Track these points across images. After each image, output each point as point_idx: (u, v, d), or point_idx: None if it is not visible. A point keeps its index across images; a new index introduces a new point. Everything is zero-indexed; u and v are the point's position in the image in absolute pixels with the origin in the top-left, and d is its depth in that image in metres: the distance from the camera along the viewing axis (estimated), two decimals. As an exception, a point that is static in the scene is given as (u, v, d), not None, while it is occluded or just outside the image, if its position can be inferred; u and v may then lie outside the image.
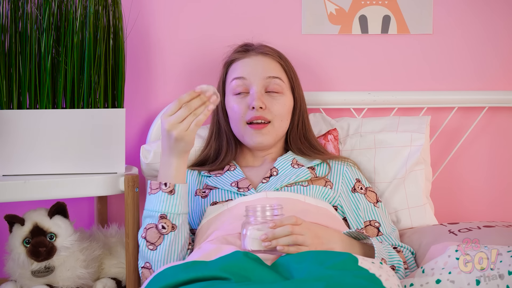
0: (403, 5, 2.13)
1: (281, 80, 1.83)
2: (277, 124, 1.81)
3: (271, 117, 1.80)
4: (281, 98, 1.82)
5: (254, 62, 1.84)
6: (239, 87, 1.82)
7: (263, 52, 1.86)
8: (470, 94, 2.14)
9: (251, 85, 1.81)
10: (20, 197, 1.76)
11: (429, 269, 1.54)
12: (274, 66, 1.84)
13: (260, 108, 1.78)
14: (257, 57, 1.85)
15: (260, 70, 1.82)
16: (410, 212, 1.96)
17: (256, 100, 1.78)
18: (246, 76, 1.82)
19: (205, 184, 1.82)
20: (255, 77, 1.81)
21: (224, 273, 1.39)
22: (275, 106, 1.81)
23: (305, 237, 1.51)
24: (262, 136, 1.80)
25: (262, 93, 1.81)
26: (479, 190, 2.21)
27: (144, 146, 1.95)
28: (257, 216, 1.52)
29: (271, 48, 1.88)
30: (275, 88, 1.81)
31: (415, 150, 1.97)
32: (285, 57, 1.90)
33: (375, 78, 2.16)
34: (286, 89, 1.84)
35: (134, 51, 2.07)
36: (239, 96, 1.83)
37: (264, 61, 1.84)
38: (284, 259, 1.47)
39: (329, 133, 2.00)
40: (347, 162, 1.87)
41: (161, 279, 1.41)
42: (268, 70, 1.82)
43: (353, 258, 1.43)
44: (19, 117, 1.79)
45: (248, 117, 1.79)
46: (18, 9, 1.79)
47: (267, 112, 1.80)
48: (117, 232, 1.97)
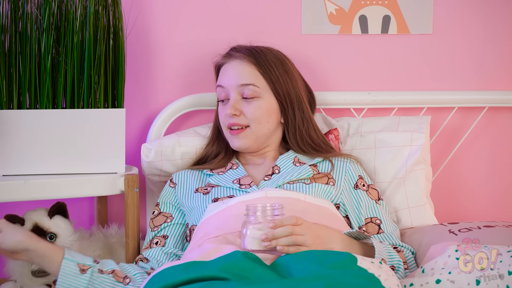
0: (403, 5, 2.13)
1: (255, 85, 1.84)
2: (254, 127, 1.83)
3: (246, 121, 1.83)
4: (256, 102, 1.83)
5: (230, 69, 1.87)
6: (221, 95, 1.87)
7: (238, 58, 1.87)
8: (470, 94, 2.14)
9: (229, 92, 1.85)
10: (20, 197, 1.76)
11: (429, 269, 1.54)
12: (247, 72, 1.85)
13: (235, 115, 1.82)
14: (234, 62, 1.87)
15: (234, 78, 1.85)
16: (410, 212, 1.96)
17: (229, 108, 1.83)
18: (224, 84, 1.86)
19: (207, 183, 1.83)
20: (230, 85, 1.85)
21: (223, 273, 1.39)
22: (250, 110, 1.83)
23: (305, 237, 1.51)
24: (240, 140, 1.83)
25: (237, 99, 1.84)
26: (479, 190, 2.21)
27: (145, 145, 1.95)
28: (257, 215, 1.52)
29: (251, 50, 1.87)
30: (249, 94, 1.84)
31: (415, 150, 1.97)
32: (266, 56, 1.86)
33: (375, 78, 2.16)
34: (263, 92, 1.84)
35: (134, 51, 2.07)
36: (222, 103, 1.88)
37: (238, 68, 1.86)
38: (284, 258, 1.48)
39: (330, 133, 2.00)
40: (350, 159, 1.87)
41: (160, 279, 1.41)
42: (241, 77, 1.84)
43: (352, 257, 1.43)
44: (19, 117, 1.79)
45: (227, 122, 1.85)
46: (18, 9, 1.79)
47: (242, 117, 1.83)
48: (117, 232, 1.97)
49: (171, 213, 1.84)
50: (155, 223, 1.83)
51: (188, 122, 2.12)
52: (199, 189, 1.82)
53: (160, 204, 1.86)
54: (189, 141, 1.96)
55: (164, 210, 1.85)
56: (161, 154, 1.93)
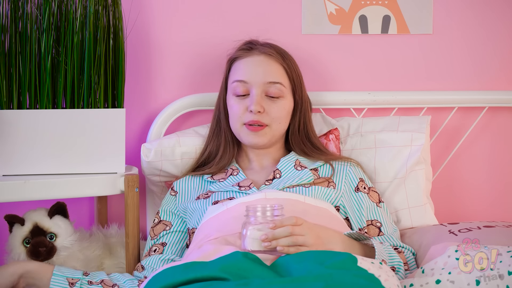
0: (403, 5, 2.13)
1: (282, 84, 1.82)
2: (274, 127, 1.82)
3: (269, 120, 1.80)
4: (280, 101, 1.82)
5: (255, 64, 1.83)
6: (239, 89, 1.82)
7: (265, 53, 1.84)
8: (470, 94, 2.14)
9: (251, 88, 1.81)
10: (20, 197, 1.76)
11: (429, 269, 1.54)
12: (275, 70, 1.83)
13: (258, 112, 1.79)
14: (259, 57, 1.84)
15: (261, 74, 1.81)
16: (410, 212, 1.96)
17: (254, 105, 1.78)
18: (247, 79, 1.82)
19: (208, 190, 1.82)
20: (255, 81, 1.81)
21: (223, 273, 1.39)
22: (274, 109, 1.81)
23: (305, 237, 1.51)
24: (258, 138, 1.80)
25: (261, 96, 1.81)
26: (479, 190, 2.21)
27: (145, 145, 1.95)
28: (257, 216, 1.52)
29: (275, 48, 1.87)
30: (275, 92, 1.81)
31: (415, 150, 1.96)
32: (289, 56, 1.88)
33: (375, 78, 2.16)
34: (287, 92, 1.84)
35: (134, 51, 2.07)
36: (240, 97, 1.83)
37: (266, 64, 1.83)
38: (284, 259, 1.48)
39: (330, 133, 2.00)
40: (350, 162, 1.87)
41: (160, 279, 1.41)
42: (269, 74, 1.82)
43: (352, 258, 1.43)
44: (19, 117, 1.79)
45: (246, 119, 1.80)
46: (18, 9, 1.79)
47: (265, 115, 1.80)
48: (117, 232, 1.97)
49: (170, 221, 1.84)
50: (155, 232, 1.83)
51: (188, 122, 2.12)
52: (201, 196, 1.82)
53: (160, 212, 1.85)
54: (189, 141, 1.96)
55: (164, 218, 1.84)
56: (161, 154, 1.93)
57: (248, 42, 1.89)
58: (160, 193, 2.00)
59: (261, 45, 1.87)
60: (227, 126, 1.87)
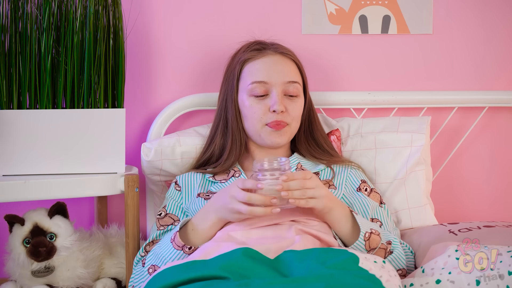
0: (403, 5, 2.13)
1: (299, 84, 1.84)
2: (293, 126, 1.83)
3: (290, 119, 1.81)
4: (298, 100, 1.84)
5: (273, 64, 1.84)
6: (259, 89, 1.81)
7: (281, 52, 1.86)
8: (470, 94, 2.14)
9: (272, 88, 1.81)
10: (20, 197, 1.76)
11: (429, 269, 1.54)
12: (293, 69, 1.85)
13: (282, 112, 1.80)
14: (275, 57, 1.85)
15: (280, 74, 1.82)
16: (410, 213, 1.96)
17: (278, 105, 1.79)
18: (267, 80, 1.81)
19: (209, 191, 1.82)
20: (275, 81, 1.81)
21: (224, 272, 1.39)
22: (294, 108, 1.82)
23: (315, 190, 1.57)
24: (280, 137, 1.81)
25: (282, 96, 1.81)
26: (479, 190, 2.21)
27: (145, 144, 1.95)
28: (265, 167, 1.57)
29: (286, 48, 1.89)
30: (294, 92, 1.82)
31: (415, 151, 1.96)
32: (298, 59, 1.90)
33: (375, 78, 2.16)
34: (301, 92, 1.86)
35: (134, 51, 2.07)
36: (259, 98, 1.82)
37: (283, 64, 1.84)
38: (287, 255, 1.47)
39: (331, 134, 2.00)
40: (351, 166, 1.87)
41: (161, 279, 1.42)
42: (288, 74, 1.83)
43: (354, 258, 1.43)
44: (19, 117, 1.79)
45: (269, 120, 1.80)
46: (18, 9, 1.79)
47: (287, 115, 1.81)
48: (117, 232, 1.97)
49: (178, 216, 1.82)
50: (162, 223, 1.79)
51: (188, 122, 2.12)
52: (201, 194, 1.82)
53: (167, 206, 1.83)
54: (189, 140, 1.96)
55: (170, 211, 1.82)
56: (161, 153, 1.93)
57: (257, 42, 1.89)
58: (160, 193, 2.00)
59: (272, 45, 1.88)
60: (238, 128, 1.86)
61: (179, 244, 1.61)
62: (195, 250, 1.61)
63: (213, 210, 1.63)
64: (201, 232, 1.63)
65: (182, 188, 1.85)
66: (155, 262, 1.65)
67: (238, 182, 1.58)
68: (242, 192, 1.56)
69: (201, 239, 1.63)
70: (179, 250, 1.62)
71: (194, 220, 1.65)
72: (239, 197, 1.56)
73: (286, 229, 1.60)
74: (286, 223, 1.63)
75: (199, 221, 1.65)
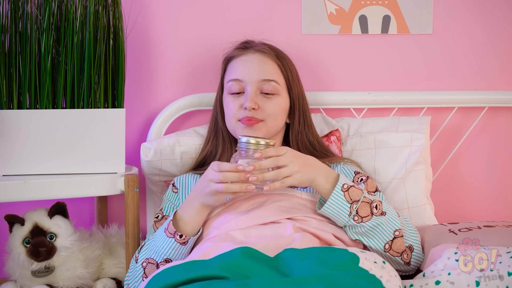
0: (403, 5, 2.13)
1: (276, 82, 1.82)
2: (270, 123, 1.81)
3: (263, 116, 1.80)
4: (275, 98, 1.82)
5: (250, 62, 1.83)
6: (234, 87, 1.82)
7: (260, 51, 1.85)
8: (470, 94, 2.14)
9: (246, 86, 1.81)
10: (20, 197, 1.76)
11: (429, 272, 1.54)
12: (270, 68, 1.83)
13: (253, 109, 1.79)
14: (254, 55, 1.84)
15: (255, 72, 1.82)
16: (410, 212, 1.96)
17: (249, 101, 1.78)
18: (241, 78, 1.82)
19: None
20: (250, 79, 1.81)
21: (223, 272, 1.39)
22: (269, 106, 1.80)
23: (289, 168, 1.57)
24: (253, 132, 1.79)
25: (256, 94, 1.80)
26: (479, 190, 2.21)
27: (145, 144, 1.95)
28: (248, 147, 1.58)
29: (270, 47, 1.87)
30: (269, 90, 1.81)
31: (415, 150, 1.96)
32: (285, 55, 1.88)
33: (375, 78, 2.16)
34: (282, 90, 1.83)
35: (134, 51, 2.07)
36: (234, 95, 1.83)
37: (260, 61, 1.83)
38: (287, 254, 1.47)
39: (331, 134, 2.00)
40: (343, 161, 1.87)
41: (160, 279, 1.42)
42: (264, 72, 1.82)
43: (354, 258, 1.43)
44: (19, 117, 1.79)
45: (241, 116, 1.80)
46: (18, 9, 1.79)
47: (259, 112, 1.79)
48: (117, 232, 1.97)
49: None
50: (158, 226, 1.79)
51: (188, 122, 2.12)
52: None
53: (164, 208, 1.84)
54: (188, 140, 1.96)
55: (167, 213, 1.83)
56: (160, 153, 1.93)
57: (245, 41, 1.90)
58: (160, 193, 2.00)
59: (257, 44, 1.88)
60: (224, 126, 1.87)
61: (171, 231, 1.63)
62: (186, 240, 1.62)
63: (195, 197, 1.65)
64: (187, 221, 1.64)
65: (179, 189, 1.85)
66: (149, 255, 1.66)
67: (214, 165, 1.60)
68: (217, 173, 1.57)
69: (190, 228, 1.64)
70: (171, 238, 1.62)
71: (179, 211, 1.67)
72: (215, 178, 1.58)
73: (284, 227, 1.61)
74: (284, 221, 1.63)
75: (184, 210, 1.66)
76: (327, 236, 1.61)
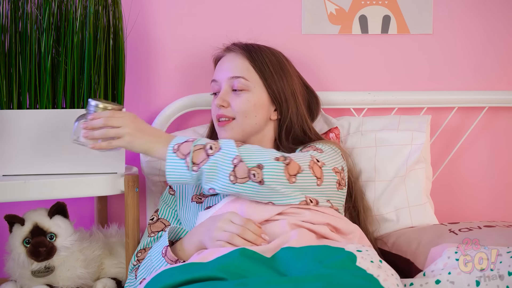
0: (403, 5, 2.13)
1: (244, 78, 1.82)
2: (241, 120, 1.80)
3: (232, 114, 1.80)
4: (244, 94, 1.81)
5: (223, 62, 1.86)
6: (214, 88, 1.86)
7: (231, 50, 1.87)
8: (470, 94, 2.14)
9: (221, 85, 1.84)
10: (20, 197, 1.76)
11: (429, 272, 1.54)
12: (239, 65, 1.83)
13: (222, 106, 1.80)
14: (227, 55, 1.87)
15: (225, 71, 1.84)
16: (410, 211, 1.96)
17: (218, 99, 1.81)
18: (216, 78, 1.85)
19: (201, 193, 1.81)
20: (222, 78, 1.84)
21: (221, 273, 1.39)
22: (236, 102, 1.79)
23: (119, 129, 1.62)
24: (226, 132, 1.80)
25: (227, 91, 1.81)
26: (479, 189, 2.21)
27: (144, 144, 1.95)
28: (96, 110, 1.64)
29: (246, 45, 1.87)
30: (238, 86, 1.81)
31: (415, 149, 1.97)
32: (262, 52, 1.85)
33: (375, 78, 2.16)
34: (254, 86, 1.82)
35: (134, 51, 2.07)
36: (214, 96, 1.86)
37: (231, 60, 1.85)
38: (284, 253, 1.47)
39: (330, 131, 2.00)
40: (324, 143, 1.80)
41: (159, 281, 1.42)
42: (232, 70, 1.83)
43: (351, 257, 1.43)
44: (19, 117, 1.79)
45: (215, 114, 1.82)
46: (18, 9, 1.79)
47: (229, 109, 1.80)
48: (117, 232, 1.97)
49: (169, 220, 1.83)
50: (153, 229, 1.82)
51: (188, 122, 2.12)
52: (194, 197, 1.81)
53: (159, 210, 1.85)
54: (188, 141, 1.95)
55: (162, 216, 1.84)
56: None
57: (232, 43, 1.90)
58: (160, 193, 2.00)
59: (235, 45, 1.88)
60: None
61: (172, 259, 1.60)
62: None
63: (199, 233, 1.62)
64: (188, 254, 1.62)
65: (177, 192, 1.85)
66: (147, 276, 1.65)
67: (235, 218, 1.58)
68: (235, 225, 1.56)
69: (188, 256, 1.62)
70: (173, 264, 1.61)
71: (184, 244, 1.64)
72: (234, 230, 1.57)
73: (280, 225, 1.60)
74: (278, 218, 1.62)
75: (187, 244, 1.64)
76: (323, 229, 1.60)
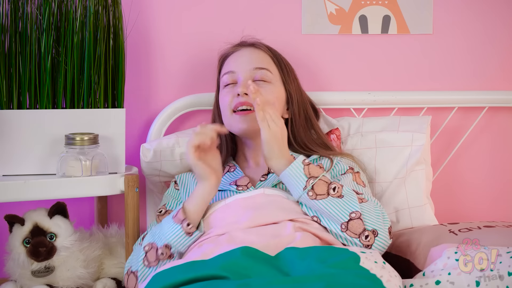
0: (403, 5, 2.13)
1: (269, 71, 1.82)
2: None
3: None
4: (268, 86, 1.81)
5: (242, 55, 1.85)
6: (228, 79, 1.83)
7: (253, 44, 1.87)
8: (470, 94, 2.14)
9: (239, 76, 1.82)
10: (20, 197, 1.76)
11: (429, 272, 1.54)
12: (262, 58, 1.84)
13: (245, 94, 1.77)
14: (246, 49, 1.87)
15: (246, 62, 1.83)
16: (410, 212, 1.96)
17: (240, 87, 1.78)
18: (234, 69, 1.83)
19: None
20: (242, 69, 1.82)
21: (223, 271, 1.39)
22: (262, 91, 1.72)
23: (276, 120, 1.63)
24: (247, 123, 1.77)
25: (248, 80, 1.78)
26: (479, 190, 2.21)
27: (144, 145, 1.95)
28: None
29: (263, 44, 1.89)
30: (262, 77, 1.81)
31: (416, 150, 1.97)
32: (278, 53, 1.89)
33: (375, 78, 2.16)
34: (276, 80, 1.83)
35: (134, 51, 2.07)
36: (228, 87, 1.83)
37: (252, 53, 1.85)
38: (287, 253, 1.47)
39: (331, 133, 2.00)
40: (340, 156, 1.85)
41: (160, 279, 1.41)
42: (256, 61, 1.83)
43: (355, 257, 1.43)
44: (19, 117, 1.79)
45: (234, 103, 1.79)
46: (18, 9, 1.79)
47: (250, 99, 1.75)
48: (117, 232, 1.97)
49: None
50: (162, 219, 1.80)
51: (188, 122, 2.12)
52: None
53: (167, 203, 1.83)
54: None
55: (170, 208, 1.81)
56: (160, 154, 1.93)
57: (240, 41, 1.92)
58: (160, 193, 2.00)
59: (250, 41, 1.90)
60: (221, 123, 1.85)
61: (181, 217, 1.61)
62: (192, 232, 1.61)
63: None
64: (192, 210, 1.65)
65: (181, 188, 1.85)
66: (152, 240, 1.65)
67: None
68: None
69: (194, 218, 1.64)
70: (178, 225, 1.61)
71: (186, 203, 1.66)
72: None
73: (285, 226, 1.60)
74: (285, 222, 1.62)
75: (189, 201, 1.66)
76: (328, 236, 1.61)
